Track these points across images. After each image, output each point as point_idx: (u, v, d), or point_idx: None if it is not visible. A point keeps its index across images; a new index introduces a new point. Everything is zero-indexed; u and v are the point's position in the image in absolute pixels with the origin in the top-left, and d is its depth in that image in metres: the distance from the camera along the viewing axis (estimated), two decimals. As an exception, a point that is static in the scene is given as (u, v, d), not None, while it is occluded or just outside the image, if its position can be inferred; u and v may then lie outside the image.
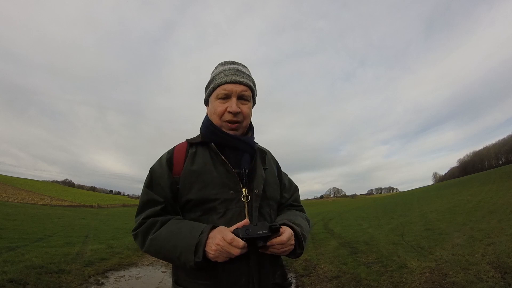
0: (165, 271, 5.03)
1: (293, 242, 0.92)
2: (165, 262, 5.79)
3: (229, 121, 1.00)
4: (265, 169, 1.06)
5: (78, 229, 12.00)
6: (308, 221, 1.14)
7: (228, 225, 0.89)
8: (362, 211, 23.92)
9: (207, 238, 0.84)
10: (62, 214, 21.15)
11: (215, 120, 1.03)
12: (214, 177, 0.96)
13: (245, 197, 0.95)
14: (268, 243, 0.87)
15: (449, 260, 4.73)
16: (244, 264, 0.90)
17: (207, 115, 1.09)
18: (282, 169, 1.24)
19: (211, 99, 1.05)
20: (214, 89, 1.03)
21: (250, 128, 1.11)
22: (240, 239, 0.81)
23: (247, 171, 0.99)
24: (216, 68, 1.10)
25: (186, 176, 0.97)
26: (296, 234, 0.95)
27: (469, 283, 3.60)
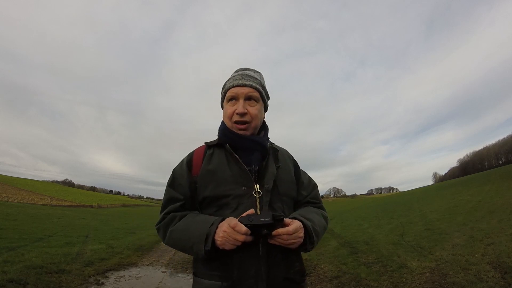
0: (165, 271, 5.04)
1: (301, 235, 0.95)
2: (165, 262, 5.81)
3: (237, 122, 1.08)
4: (278, 167, 1.10)
5: (78, 229, 11.99)
6: (325, 218, 1.17)
7: None
8: (362, 211, 23.91)
9: (217, 228, 0.92)
10: (62, 214, 21.14)
11: (227, 122, 1.12)
12: (228, 175, 1.04)
13: (256, 193, 1.01)
14: (274, 233, 0.91)
15: (449, 260, 4.74)
16: (254, 256, 0.95)
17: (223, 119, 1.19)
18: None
19: (224, 103, 1.15)
20: (225, 93, 1.14)
21: (263, 128, 1.18)
22: (242, 225, 0.87)
23: (257, 167, 1.05)
24: (231, 74, 1.21)
25: (203, 175, 1.06)
26: (306, 228, 0.97)
27: (469, 283, 3.60)
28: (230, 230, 0.87)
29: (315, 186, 1.27)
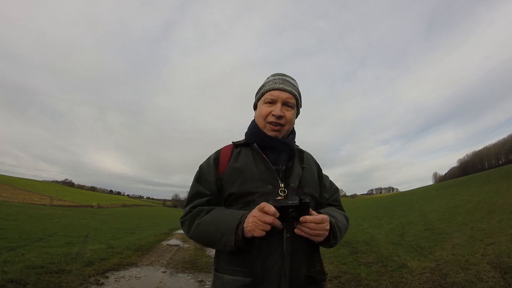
0: (165, 271, 5.04)
1: (327, 227, 0.96)
2: (165, 262, 5.81)
3: (271, 123, 1.11)
4: (303, 168, 1.14)
5: (78, 229, 11.99)
6: (346, 218, 1.19)
7: None
8: (362, 211, 23.96)
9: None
10: (62, 214, 21.15)
11: (260, 121, 1.14)
12: (254, 173, 1.07)
13: (282, 191, 1.04)
14: (301, 219, 0.92)
15: (449, 260, 4.74)
16: (278, 253, 0.97)
17: (253, 120, 1.21)
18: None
19: (259, 103, 1.17)
20: (262, 94, 1.16)
21: (292, 132, 1.22)
22: (271, 205, 0.89)
23: (284, 167, 1.09)
24: (267, 78, 1.23)
25: (230, 173, 1.09)
26: (330, 223, 0.99)
27: (469, 283, 3.61)
28: (259, 213, 0.89)
29: (336, 189, 1.30)
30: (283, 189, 1.04)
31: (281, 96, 1.11)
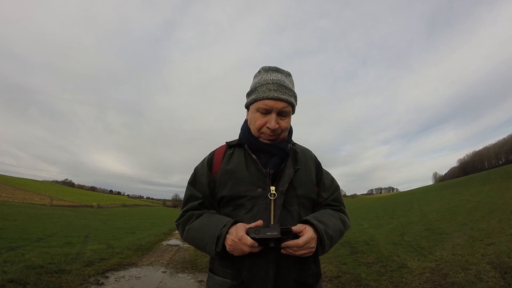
0: (165, 271, 5.03)
1: (313, 245, 0.93)
2: (165, 262, 5.81)
3: (266, 133, 1.06)
4: (297, 169, 1.08)
5: (78, 229, 11.99)
6: (343, 221, 1.12)
7: (254, 219, 0.96)
8: (362, 211, 23.96)
9: (227, 232, 0.93)
10: (62, 214, 21.13)
11: (254, 131, 1.08)
12: (245, 176, 1.05)
13: (272, 195, 1.02)
14: (283, 245, 0.91)
15: (449, 260, 4.74)
16: (265, 258, 0.96)
17: (246, 120, 1.15)
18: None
19: (252, 108, 1.09)
20: (255, 100, 1.05)
21: (288, 134, 1.14)
22: (248, 238, 0.88)
23: (272, 170, 1.05)
24: (259, 72, 1.10)
25: (222, 175, 1.07)
26: (317, 232, 0.96)
27: (469, 283, 3.61)
28: (237, 240, 0.89)
29: (337, 187, 1.22)
30: (272, 192, 1.01)
31: (276, 106, 1.02)
